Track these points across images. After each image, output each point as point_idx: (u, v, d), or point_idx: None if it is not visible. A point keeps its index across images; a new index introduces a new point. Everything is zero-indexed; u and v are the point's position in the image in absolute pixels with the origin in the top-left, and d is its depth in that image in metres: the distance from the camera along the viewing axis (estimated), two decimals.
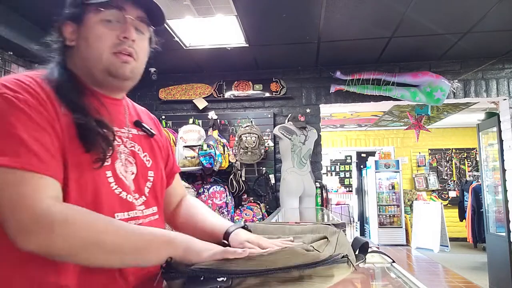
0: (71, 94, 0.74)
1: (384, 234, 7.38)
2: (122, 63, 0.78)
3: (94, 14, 0.78)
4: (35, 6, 2.55)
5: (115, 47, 0.78)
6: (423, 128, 4.26)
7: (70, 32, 0.80)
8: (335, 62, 3.76)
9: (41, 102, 0.68)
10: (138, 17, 0.81)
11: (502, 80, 3.69)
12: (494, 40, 3.30)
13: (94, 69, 0.78)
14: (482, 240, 5.58)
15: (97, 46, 0.77)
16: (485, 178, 4.59)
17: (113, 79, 0.80)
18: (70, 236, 0.61)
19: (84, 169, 0.70)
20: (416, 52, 3.55)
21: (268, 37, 3.19)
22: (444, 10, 2.73)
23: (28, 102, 0.67)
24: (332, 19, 2.83)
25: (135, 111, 0.94)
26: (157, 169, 0.89)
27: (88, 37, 0.78)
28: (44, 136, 0.66)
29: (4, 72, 2.67)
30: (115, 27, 0.78)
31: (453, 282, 4.77)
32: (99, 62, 0.77)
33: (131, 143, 0.85)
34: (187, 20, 2.73)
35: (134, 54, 0.80)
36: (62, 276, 0.66)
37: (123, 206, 0.76)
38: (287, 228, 0.94)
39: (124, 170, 0.79)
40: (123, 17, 0.79)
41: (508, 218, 3.81)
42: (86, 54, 0.78)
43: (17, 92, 0.67)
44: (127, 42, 0.78)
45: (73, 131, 0.71)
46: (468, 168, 8.02)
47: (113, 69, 0.78)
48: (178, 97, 4.01)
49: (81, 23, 0.79)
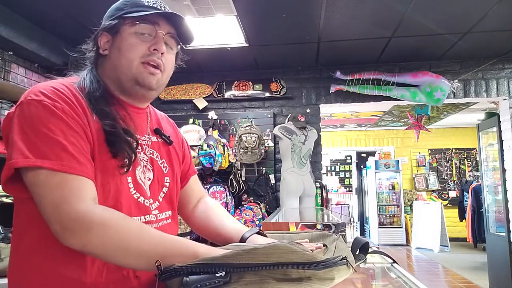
0: (101, 103, 0.80)
1: (384, 234, 7.38)
2: (149, 74, 0.84)
3: (129, 26, 0.84)
4: (35, 6, 2.55)
5: (145, 57, 0.83)
6: (423, 128, 4.26)
7: (104, 42, 0.87)
8: (335, 62, 3.76)
9: (75, 110, 0.74)
10: (169, 33, 0.88)
11: (502, 80, 3.69)
12: (494, 40, 3.30)
13: (123, 76, 0.84)
14: (482, 240, 5.58)
15: (129, 55, 0.83)
16: (485, 178, 4.59)
17: (139, 88, 0.85)
18: (106, 237, 0.66)
19: (109, 174, 0.76)
20: (416, 52, 3.55)
21: (268, 37, 3.19)
22: (444, 10, 2.73)
23: (65, 110, 0.72)
24: (332, 19, 2.83)
25: (156, 119, 0.99)
26: (173, 175, 0.95)
27: (121, 46, 0.84)
28: (80, 141, 0.72)
29: (4, 72, 2.67)
30: (147, 40, 0.84)
31: (453, 282, 4.77)
32: (129, 70, 0.83)
33: (150, 150, 0.90)
34: (187, 20, 2.72)
35: (161, 66, 0.85)
36: (85, 274, 0.72)
37: (140, 210, 0.82)
38: (287, 236, 0.97)
39: (143, 176, 0.85)
40: (155, 31, 0.85)
41: (508, 218, 3.81)
42: (117, 62, 0.84)
43: (55, 100, 0.72)
44: (157, 54, 0.84)
45: (102, 137, 0.77)
46: (468, 168, 8.02)
47: (140, 79, 0.84)
48: (178, 97, 4.01)
49: (116, 34, 0.85)
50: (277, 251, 0.64)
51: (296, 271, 0.64)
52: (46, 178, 0.67)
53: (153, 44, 0.84)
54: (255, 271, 0.62)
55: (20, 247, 0.75)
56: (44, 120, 0.70)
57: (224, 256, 0.63)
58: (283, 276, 0.63)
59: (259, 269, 0.62)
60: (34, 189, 0.68)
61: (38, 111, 0.70)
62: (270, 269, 0.63)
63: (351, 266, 0.71)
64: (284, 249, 0.64)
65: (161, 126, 0.98)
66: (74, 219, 0.65)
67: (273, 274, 0.63)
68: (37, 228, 0.72)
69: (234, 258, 0.62)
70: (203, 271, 0.61)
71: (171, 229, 0.90)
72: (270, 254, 0.63)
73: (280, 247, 0.65)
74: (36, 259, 0.72)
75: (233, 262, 0.62)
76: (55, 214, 0.66)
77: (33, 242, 0.73)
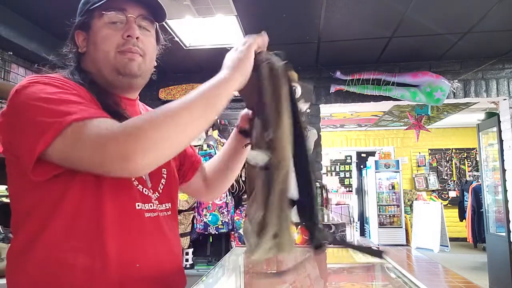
0: (97, 91, 0.80)
1: (384, 234, 7.38)
2: (129, 61, 0.82)
3: (99, 19, 0.82)
4: (35, 6, 2.55)
5: (120, 46, 0.81)
6: (423, 128, 4.26)
7: (81, 40, 0.85)
8: (335, 62, 3.76)
9: (75, 87, 0.75)
10: (140, 15, 0.84)
11: (502, 80, 3.69)
12: (494, 40, 3.30)
13: (104, 69, 0.82)
14: (482, 240, 5.58)
15: (104, 47, 0.81)
16: (485, 178, 4.59)
17: (122, 78, 0.83)
18: (157, 125, 0.64)
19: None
20: (416, 52, 3.55)
21: (268, 37, 3.18)
22: (444, 10, 2.72)
23: (64, 85, 0.73)
24: (332, 19, 2.83)
25: (146, 111, 0.97)
26: (170, 167, 0.93)
27: (95, 41, 0.82)
28: (85, 98, 0.73)
29: (4, 72, 2.67)
30: (119, 28, 0.82)
31: (453, 282, 4.77)
32: (107, 62, 0.81)
33: None
34: (187, 20, 2.72)
35: (139, 51, 0.83)
36: (96, 260, 0.70)
37: (143, 198, 0.81)
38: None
39: None
40: (125, 17, 0.82)
41: (508, 218, 3.81)
42: (95, 57, 0.82)
43: (50, 77, 0.74)
44: (131, 40, 0.82)
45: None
46: (468, 168, 8.02)
47: (120, 67, 0.81)
48: (178, 97, 3.99)
49: (89, 30, 0.84)
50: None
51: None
52: (78, 129, 0.64)
53: (125, 31, 0.81)
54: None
55: (19, 238, 0.73)
56: (48, 89, 0.69)
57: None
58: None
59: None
60: (70, 149, 0.65)
61: (39, 86, 0.70)
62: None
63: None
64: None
65: None
66: (126, 141, 0.62)
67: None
68: (39, 218, 0.71)
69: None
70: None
71: (171, 221, 0.88)
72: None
73: None
74: (39, 249, 0.71)
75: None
76: (103, 154, 0.63)
77: (35, 231, 0.71)
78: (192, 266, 3.25)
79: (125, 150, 0.62)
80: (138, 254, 0.76)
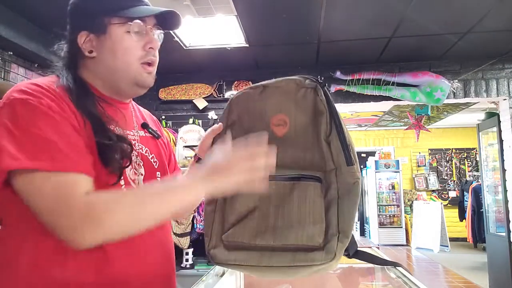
0: (89, 105, 0.76)
1: (384, 234, 7.38)
2: (148, 74, 0.82)
3: (119, 26, 0.79)
4: (35, 6, 2.55)
5: (143, 58, 0.80)
6: (423, 128, 4.26)
7: (86, 41, 0.81)
8: (335, 62, 3.76)
9: (62, 106, 0.71)
10: (154, 25, 0.84)
11: (502, 80, 3.69)
12: (494, 40, 3.30)
13: (122, 80, 0.81)
14: (482, 240, 5.58)
15: (127, 59, 0.79)
16: (485, 178, 4.59)
17: (137, 88, 0.83)
18: (120, 219, 0.65)
19: (99, 175, 0.72)
20: (416, 52, 3.55)
21: (268, 37, 3.18)
22: (444, 10, 2.72)
23: (51, 106, 0.69)
24: (332, 19, 2.83)
25: (140, 114, 0.96)
26: (164, 170, 0.92)
27: (115, 49, 0.79)
28: (70, 137, 0.69)
29: (4, 72, 2.67)
30: (139, 39, 0.80)
31: (453, 282, 4.77)
32: (128, 73, 0.80)
33: (139, 145, 0.87)
34: (187, 20, 2.73)
35: (156, 62, 0.83)
36: (83, 274, 0.69)
37: None
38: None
39: (134, 173, 0.82)
40: (145, 27, 0.81)
41: (508, 218, 3.81)
42: (112, 66, 0.79)
43: (40, 98, 0.69)
44: (153, 52, 0.82)
45: (93, 145, 0.73)
46: (468, 168, 8.02)
47: (140, 80, 0.81)
48: (178, 97, 4.00)
49: (103, 34, 0.79)
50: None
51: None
52: (40, 180, 0.63)
53: (147, 43, 0.81)
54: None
55: (6, 250, 0.70)
56: (31, 118, 0.66)
57: None
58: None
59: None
60: (27, 195, 0.64)
61: (24, 110, 0.66)
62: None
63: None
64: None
65: (146, 121, 0.95)
66: (82, 217, 0.62)
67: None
68: (26, 228, 0.69)
69: None
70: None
71: (165, 224, 0.88)
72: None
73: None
74: (25, 262, 0.69)
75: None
76: (60, 219, 0.63)
77: (16, 247, 0.69)
78: (192, 266, 3.25)
79: (86, 231, 0.63)
80: (130, 258, 0.76)
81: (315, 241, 0.72)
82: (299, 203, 0.74)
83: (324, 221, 0.74)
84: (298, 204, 0.74)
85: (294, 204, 0.75)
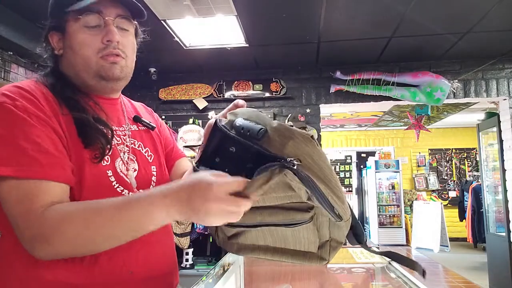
0: (68, 93, 0.76)
1: (384, 234, 7.38)
2: (111, 64, 0.78)
3: (74, 21, 0.78)
4: (35, 6, 2.55)
5: (101, 51, 0.77)
6: (423, 128, 4.26)
7: (56, 41, 0.81)
8: (335, 62, 3.76)
9: (38, 106, 0.70)
10: (118, 16, 0.79)
11: (502, 80, 3.69)
12: (494, 40, 3.30)
13: (85, 74, 0.79)
14: (482, 240, 5.58)
15: (83, 53, 0.77)
16: (485, 178, 4.59)
17: (106, 82, 0.80)
18: (71, 237, 0.63)
19: (84, 166, 0.72)
20: (416, 52, 3.55)
21: (268, 37, 3.18)
22: (444, 10, 2.73)
23: (27, 109, 0.68)
24: (332, 19, 2.83)
25: (132, 107, 0.94)
26: (160, 163, 0.90)
27: (72, 45, 0.78)
28: (45, 141, 0.67)
29: (4, 72, 2.67)
30: (97, 31, 0.77)
31: (453, 282, 4.77)
32: (88, 67, 0.78)
33: (132, 140, 0.85)
34: (187, 20, 2.73)
35: (121, 53, 0.79)
36: (73, 275, 0.69)
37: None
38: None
39: (126, 168, 0.80)
40: (102, 19, 0.78)
41: (508, 218, 3.81)
42: (73, 61, 0.79)
43: (15, 99, 0.68)
44: (112, 44, 0.78)
45: (73, 129, 0.72)
46: (468, 168, 8.02)
47: (103, 72, 0.78)
48: (178, 97, 4.00)
49: (64, 32, 0.79)
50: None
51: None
52: (6, 188, 0.63)
53: (105, 36, 0.77)
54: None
55: (0, 251, 0.71)
56: (4, 123, 0.65)
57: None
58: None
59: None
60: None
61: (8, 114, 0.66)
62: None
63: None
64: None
65: (139, 114, 0.93)
66: (32, 235, 0.62)
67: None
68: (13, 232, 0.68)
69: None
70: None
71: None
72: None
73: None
74: (16, 265, 0.69)
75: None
76: (24, 228, 0.63)
77: (11, 247, 0.69)
78: (192, 266, 3.25)
79: (37, 246, 0.62)
80: (128, 258, 0.75)
81: (311, 249, 0.78)
82: (293, 232, 0.76)
83: (318, 237, 0.77)
84: (292, 233, 0.76)
85: (287, 232, 0.76)
